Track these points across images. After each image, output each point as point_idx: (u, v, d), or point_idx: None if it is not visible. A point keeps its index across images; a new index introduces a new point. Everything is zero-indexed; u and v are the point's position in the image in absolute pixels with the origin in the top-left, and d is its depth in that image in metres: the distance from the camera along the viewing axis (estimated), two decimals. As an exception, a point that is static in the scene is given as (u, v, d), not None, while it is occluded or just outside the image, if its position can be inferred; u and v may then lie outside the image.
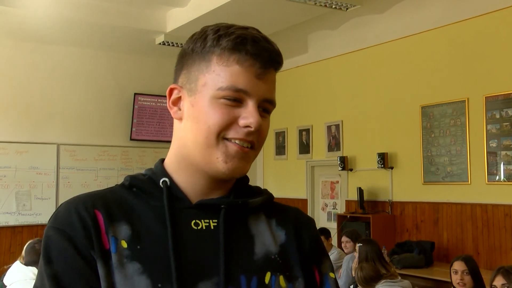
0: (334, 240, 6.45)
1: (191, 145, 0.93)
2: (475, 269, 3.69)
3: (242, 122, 0.90)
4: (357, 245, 4.39)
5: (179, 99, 0.96)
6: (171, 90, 0.97)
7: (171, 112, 0.97)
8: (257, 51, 0.90)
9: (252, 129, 0.90)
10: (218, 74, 0.90)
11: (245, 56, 0.90)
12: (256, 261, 0.94)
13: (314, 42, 7.54)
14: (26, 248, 3.86)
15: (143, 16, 6.69)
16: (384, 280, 3.73)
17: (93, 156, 7.58)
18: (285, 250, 0.98)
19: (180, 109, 0.96)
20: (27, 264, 3.75)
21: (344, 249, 5.35)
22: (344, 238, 5.34)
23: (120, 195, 0.95)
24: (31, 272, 3.65)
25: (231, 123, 0.90)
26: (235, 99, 0.90)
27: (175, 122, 0.98)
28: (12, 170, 7.06)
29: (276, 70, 0.97)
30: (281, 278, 0.94)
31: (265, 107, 0.94)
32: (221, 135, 0.90)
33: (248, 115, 0.90)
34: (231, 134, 0.90)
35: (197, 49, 0.93)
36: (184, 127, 0.95)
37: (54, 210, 0.92)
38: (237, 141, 0.91)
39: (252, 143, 0.92)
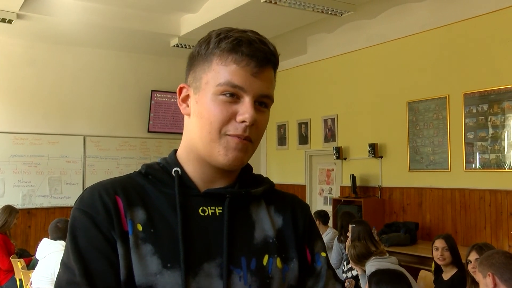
0: (329, 221, 6.49)
1: (197, 139, 0.93)
2: (454, 246, 3.69)
3: (239, 117, 0.89)
4: (350, 225, 4.37)
5: (187, 97, 0.96)
6: (181, 89, 0.97)
7: (181, 108, 0.97)
8: (252, 52, 0.89)
9: (247, 123, 0.89)
10: (217, 72, 0.90)
11: (241, 57, 0.89)
12: (255, 245, 0.94)
13: (313, 44, 7.51)
14: (50, 227, 3.87)
15: (159, 21, 6.69)
16: (374, 257, 3.70)
17: (115, 146, 7.61)
18: (282, 234, 0.98)
19: (188, 106, 0.96)
20: (53, 239, 3.79)
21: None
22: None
23: (137, 181, 0.95)
24: (60, 245, 3.68)
25: (229, 118, 0.89)
26: (233, 94, 0.89)
27: (185, 117, 0.98)
28: (45, 158, 7.11)
29: (274, 68, 0.95)
30: (278, 259, 0.94)
31: (263, 102, 0.92)
32: (222, 131, 0.90)
33: (244, 111, 0.89)
34: (231, 130, 0.89)
35: (201, 51, 0.93)
36: (192, 122, 0.95)
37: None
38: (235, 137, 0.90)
39: (249, 138, 0.91)
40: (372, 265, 3.61)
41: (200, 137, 0.92)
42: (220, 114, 0.89)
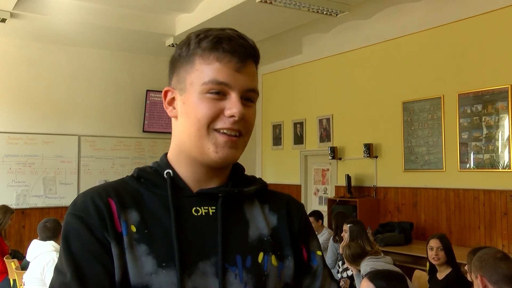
0: (324, 221, 6.50)
1: (186, 139, 0.94)
2: (448, 245, 3.71)
3: (227, 112, 0.90)
4: (348, 225, 4.41)
5: (173, 99, 0.96)
6: (166, 92, 0.97)
7: (168, 111, 0.98)
8: (233, 48, 0.91)
9: (236, 118, 0.90)
10: (201, 71, 0.91)
11: (222, 54, 0.90)
12: (250, 243, 0.94)
13: (308, 44, 7.51)
14: (38, 227, 3.84)
15: (155, 21, 6.68)
16: (369, 257, 3.71)
17: (110, 146, 7.59)
18: (276, 232, 0.98)
19: (174, 108, 0.96)
20: (43, 239, 3.75)
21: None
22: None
23: (130, 185, 0.96)
24: (50, 245, 3.66)
25: (217, 114, 0.90)
26: (219, 92, 0.90)
27: (173, 120, 0.98)
28: (39, 158, 7.09)
29: (256, 63, 0.96)
30: (273, 257, 0.95)
31: (248, 96, 0.93)
32: (210, 127, 0.91)
33: (231, 106, 0.90)
34: (219, 124, 0.91)
35: (183, 53, 0.94)
36: (180, 124, 0.95)
37: (76, 194, 0.95)
38: (225, 131, 0.91)
39: (239, 131, 0.92)
40: (367, 265, 3.61)
41: (189, 136, 0.93)
42: (208, 111, 0.90)
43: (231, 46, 0.91)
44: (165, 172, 0.96)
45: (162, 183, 0.95)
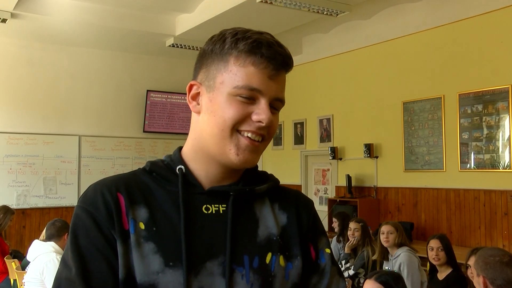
0: (325, 222, 6.50)
1: (207, 137, 0.93)
2: (449, 246, 3.71)
3: (255, 117, 0.90)
4: (359, 224, 4.55)
5: (197, 94, 0.95)
6: (191, 86, 0.95)
7: (190, 106, 0.96)
8: (271, 55, 0.89)
9: (263, 124, 0.90)
10: (235, 73, 0.89)
11: (260, 59, 0.89)
12: (258, 243, 0.94)
13: (308, 44, 7.52)
14: (48, 224, 3.85)
15: (155, 21, 6.70)
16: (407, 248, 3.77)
17: (111, 146, 7.61)
18: (286, 232, 0.98)
19: (198, 104, 0.95)
20: (47, 237, 3.75)
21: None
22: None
23: (141, 179, 0.95)
24: (50, 246, 3.66)
25: (245, 117, 0.90)
26: (250, 97, 0.89)
27: (193, 115, 0.97)
28: (40, 158, 7.11)
29: (287, 72, 0.95)
30: (281, 257, 0.94)
31: (276, 104, 0.93)
32: (235, 128, 0.90)
33: (260, 112, 0.90)
34: (244, 127, 0.90)
35: (216, 50, 0.92)
36: (202, 120, 0.94)
37: (77, 194, 0.95)
38: (249, 134, 0.91)
39: (263, 136, 0.92)
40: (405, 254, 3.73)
41: (211, 134, 0.92)
42: (236, 113, 0.89)
43: (271, 52, 0.89)
44: (177, 168, 0.95)
45: (174, 178, 0.94)
